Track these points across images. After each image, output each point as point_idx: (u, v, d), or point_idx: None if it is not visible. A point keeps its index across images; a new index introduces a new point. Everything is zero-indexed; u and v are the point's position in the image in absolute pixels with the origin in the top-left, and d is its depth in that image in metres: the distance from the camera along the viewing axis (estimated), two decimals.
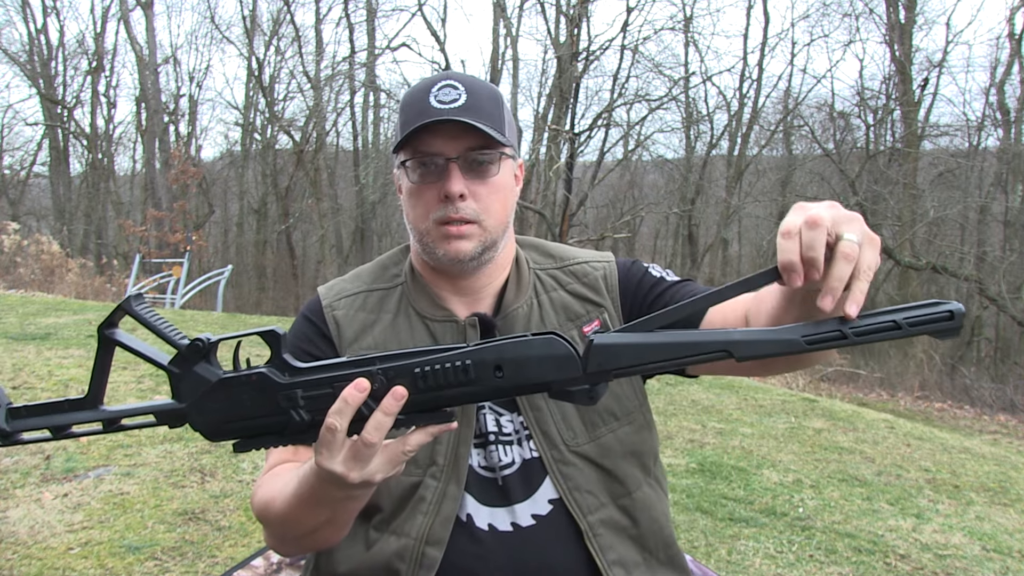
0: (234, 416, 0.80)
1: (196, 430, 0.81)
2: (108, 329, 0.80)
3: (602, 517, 1.12)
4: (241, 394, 0.79)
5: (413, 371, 0.77)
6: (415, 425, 0.80)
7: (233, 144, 27.03)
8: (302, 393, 0.79)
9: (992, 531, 3.64)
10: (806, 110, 21.22)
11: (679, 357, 0.74)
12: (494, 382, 0.77)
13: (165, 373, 0.80)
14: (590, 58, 18.15)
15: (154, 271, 16.83)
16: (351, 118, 24.33)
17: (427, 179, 1.10)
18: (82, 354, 6.47)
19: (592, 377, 0.76)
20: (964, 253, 17.26)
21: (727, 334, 0.74)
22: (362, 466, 0.80)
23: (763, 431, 5.38)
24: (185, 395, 0.80)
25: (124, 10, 23.52)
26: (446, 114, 1.06)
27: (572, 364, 0.76)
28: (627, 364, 0.75)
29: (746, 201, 22.06)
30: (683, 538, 3.30)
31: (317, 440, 0.79)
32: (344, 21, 22.95)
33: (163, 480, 3.63)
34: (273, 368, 0.80)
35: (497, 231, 1.14)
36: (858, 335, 0.71)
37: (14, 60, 24.17)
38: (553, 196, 18.13)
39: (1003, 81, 18.02)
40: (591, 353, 0.75)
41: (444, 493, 1.10)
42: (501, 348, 0.77)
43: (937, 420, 8.72)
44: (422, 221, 1.12)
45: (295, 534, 1.00)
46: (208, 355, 0.80)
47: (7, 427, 0.80)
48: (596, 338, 0.75)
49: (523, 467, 1.13)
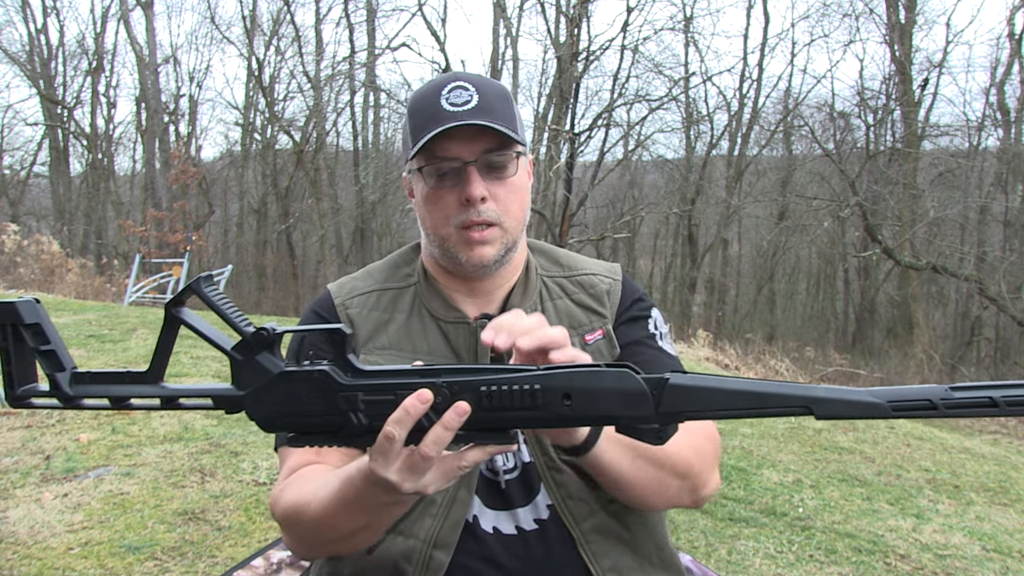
0: (291, 411, 0.79)
1: (252, 419, 0.81)
2: (175, 307, 0.79)
3: (594, 524, 1.11)
4: (300, 389, 0.78)
5: (479, 388, 0.76)
6: (473, 442, 0.78)
7: (233, 144, 27.04)
8: (363, 397, 0.77)
9: (992, 531, 3.64)
10: (806, 110, 21.24)
11: (756, 407, 0.72)
12: (560, 410, 0.75)
13: (227, 358, 0.80)
14: (590, 58, 18.15)
15: (154, 271, 16.83)
16: (351, 118, 24.35)
17: (445, 184, 1.09)
18: (82, 354, 6.47)
19: (663, 418, 0.74)
20: (964, 253, 17.26)
21: (809, 389, 0.71)
22: (416, 478, 0.78)
23: (763, 431, 5.38)
24: (245, 383, 0.80)
25: (124, 10, 23.52)
26: (461, 117, 1.05)
27: (644, 402, 0.74)
28: (700, 408, 0.73)
29: (746, 201, 22.07)
30: (683, 538, 3.30)
31: (373, 447, 0.78)
32: (344, 21, 22.97)
33: (163, 480, 3.63)
34: (336, 368, 0.78)
35: (517, 231, 1.14)
36: (950, 407, 0.67)
37: (14, 60, 24.18)
38: (553, 196, 18.12)
39: (1003, 81, 18.03)
40: (664, 394, 0.73)
41: (455, 497, 1.09)
42: (572, 376, 0.75)
43: (937, 420, 8.71)
44: (442, 227, 1.11)
45: (329, 538, 0.99)
46: (272, 345, 0.79)
47: (70, 391, 0.81)
48: (672, 378, 0.73)
49: (523, 472, 1.13)
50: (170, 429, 4.47)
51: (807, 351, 15.10)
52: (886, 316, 20.80)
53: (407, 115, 1.14)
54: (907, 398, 0.69)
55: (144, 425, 4.54)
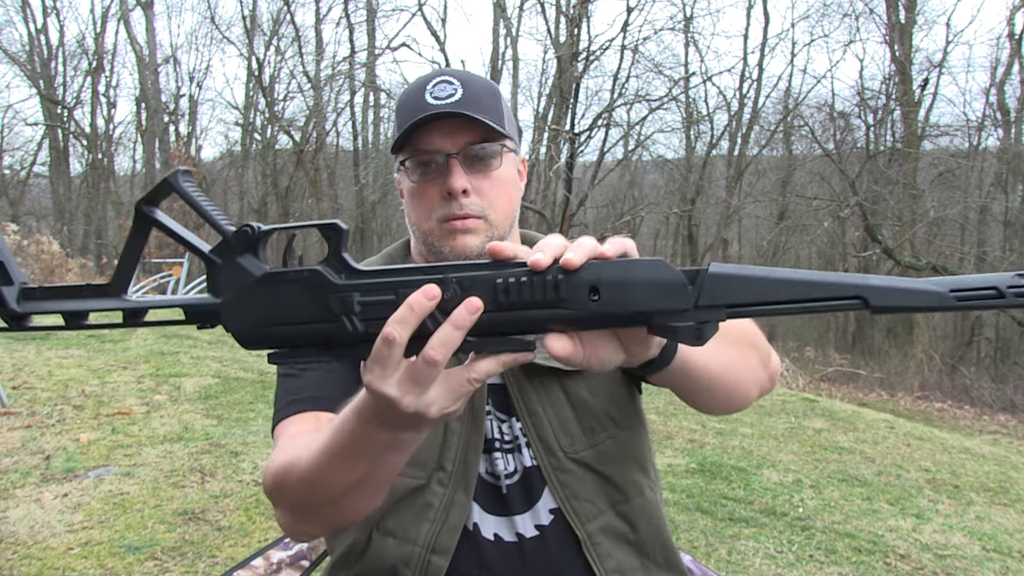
0: (276, 318, 0.68)
1: (229, 331, 0.70)
2: (147, 206, 0.70)
3: (601, 525, 1.09)
4: (288, 293, 0.68)
5: (494, 282, 0.66)
6: (486, 350, 0.68)
7: (233, 144, 27.04)
8: (359, 298, 0.67)
9: (992, 531, 3.64)
10: (806, 110, 21.23)
11: (806, 300, 0.64)
12: (588, 306, 0.65)
13: (204, 263, 0.70)
14: (590, 58, 18.17)
15: (154, 271, 16.82)
16: (351, 118, 24.35)
17: (428, 178, 1.08)
18: (82, 354, 6.47)
19: (702, 312, 0.65)
20: (964, 253, 17.27)
21: (863, 278, 0.64)
22: (419, 391, 0.67)
23: (763, 431, 5.38)
24: (223, 289, 0.69)
25: (124, 10, 23.54)
26: (442, 109, 1.04)
27: (682, 293, 0.65)
28: (746, 300, 0.65)
29: (746, 201, 22.07)
30: (683, 538, 3.30)
31: (370, 356, 0.67)
32: (344, 21, 22.98)
33: (163, 480, 3.63)
34: (329, 267, 0.69)
35: (504, 227, 1.10)
36: (1019, 295, 0.61)
37: (14, 60, 24.18)
38: (553, 196, 18.13)
39: (1003, 81, 18.03)
40: (705, 282, 0.65)
41: (452, 500, 1.07)
42: (600, 267, 0.66)
43: (937, 420, 8.71)
44: (425, 221, 1.09)
45: (320, 498, 0.88)
46: (256, 246, 0.70)
47: (18, 308, 0.70)
48: (711, 267, 0.66)
49: (524, 476, 1.10)
50: (170, 429, 4.47)
51: (807, 351, 15.09)
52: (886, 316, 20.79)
53: (395, 112, 1.13)
54: (971, 286, 0.62)
55: (144, 425, 4.54)
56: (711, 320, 0.65)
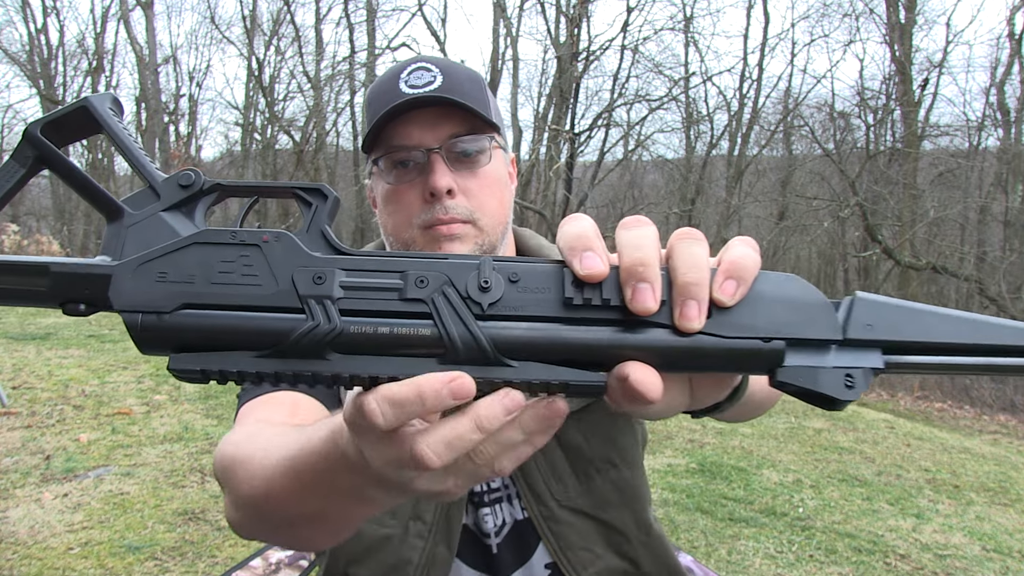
0: (202, 298, 0.44)
1: (118, 310, 0.45)
2: (45, 133, 0.49)
3: (599, 569, 1.00)
4: (230, 263, 0.45)
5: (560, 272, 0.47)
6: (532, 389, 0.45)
7: (233, 144, 27.03)
8: (343, 278, 0.45)
9: (992, 531, 3.64)
10: (806, 110, 21.23)
11: (983, 351, 0.47)
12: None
13: (105, 216, 0.49)
14: (590, 58, 18.17)
15: None
16: (351, 118, 24.32)
17: (406, 178, 0.92)
18: (82, 354, 6.47)
19: (851, 345, 0.47)
20: (964, 253, 17.26)
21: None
22: (431, 476, 0.47)
23: (763, 431, 5.38)
24: (127, 251, 0.47)
25: (124, 10, 23.53)
26: (420, 95, 0.89)
27: (827, 317, 0.46)
28: (908, 338, 0.47)
29: (746, 201, 22.06)
30: (683, 538, 3.30)
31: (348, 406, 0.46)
32: (344, 21, 22.95)
33: (163, 480, 3.63)
34: (303, 242, 0.47)
35: (495, 233, 0.94)
36: None
37: (14, 60, 24.19)
38: (553, 196, 18.13)
39: (1003, 81, 18.02)
40: (854, 308, 0.47)
41: (433, 556, 0.94)
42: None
43: (937, 420, 8.71)
44: (405, 229, 0.93)
45: (268, 515, 0.68)
46: (195, 204, 0.49)
47: None
48: (859, 293, 0.48)
49: (515, 530, 0.99)
50: (170, 429, 4.47)
51: None
52: None
53: (364, 106, 0.97)
54: None
55: (144, 425, 4.54)
56: (863, 366, 0.46)
